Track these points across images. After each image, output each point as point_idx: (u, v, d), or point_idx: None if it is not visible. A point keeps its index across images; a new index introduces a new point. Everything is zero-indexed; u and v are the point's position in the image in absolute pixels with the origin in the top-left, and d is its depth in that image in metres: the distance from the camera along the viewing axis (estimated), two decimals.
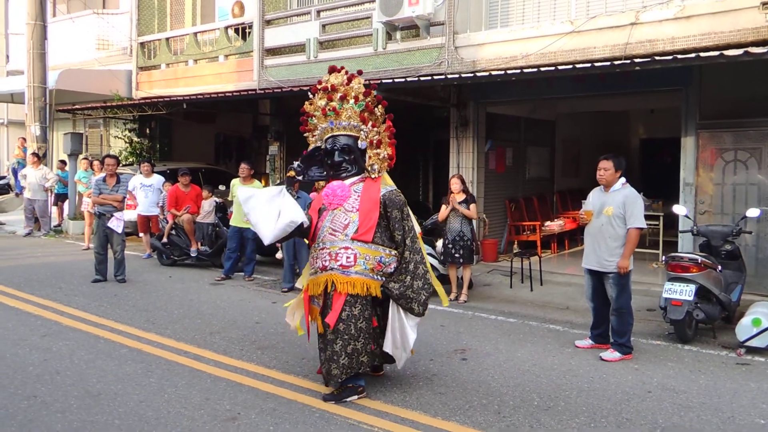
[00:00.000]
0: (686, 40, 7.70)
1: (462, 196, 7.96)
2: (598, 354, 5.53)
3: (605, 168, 5.65)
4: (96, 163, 12.32)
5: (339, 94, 4.61)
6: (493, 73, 8.35)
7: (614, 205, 5.54)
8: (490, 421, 4.09)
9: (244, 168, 9.14)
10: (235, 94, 11.50)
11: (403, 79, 9.25)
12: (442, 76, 9.11)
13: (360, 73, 4.80)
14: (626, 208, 5.50)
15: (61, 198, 13.66)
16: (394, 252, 4.51)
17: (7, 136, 23.91)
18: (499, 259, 10.27)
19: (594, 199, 5.81)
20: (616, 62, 7.41)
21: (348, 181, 4.60)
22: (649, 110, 13.85)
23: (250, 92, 11.38)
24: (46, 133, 14.19)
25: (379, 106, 4.79)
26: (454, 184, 8.01)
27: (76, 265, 9.73)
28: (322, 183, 4.89)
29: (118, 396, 4.47)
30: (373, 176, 4.65)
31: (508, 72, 8.19)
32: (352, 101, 4.62)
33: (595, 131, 13.91)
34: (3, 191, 17.22)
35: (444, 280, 8.10)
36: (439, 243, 8.19)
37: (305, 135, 4.92)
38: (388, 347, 4.48)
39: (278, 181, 12.67)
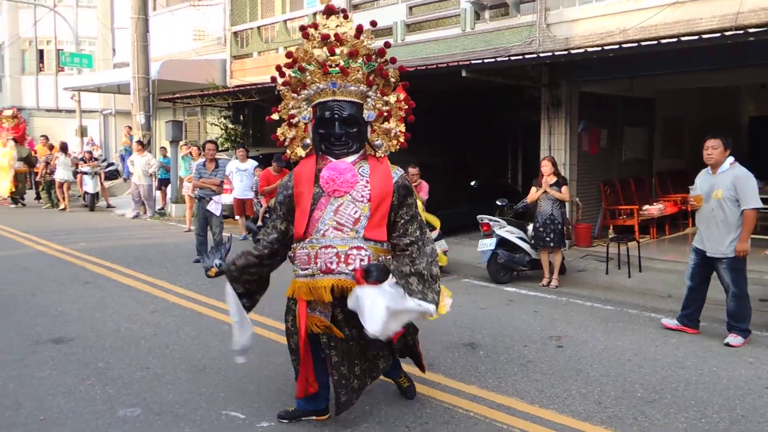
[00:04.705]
0: None
1: (553, 179, 7.73)
2: (704, 344, 5.24)
3: (713, 147, 5.33)
4: (194, 149, 12.94)
5: (346, 49, 3.68)
6: (589, 49, 8.01)
7: (723, 188, 5.23)
8: (590, 411, 3.97)
9: None
10: None
11: (492, 60, 9.05)
12: (534, 55, 8.83)
13: (373, 24, 3.90)
14: (737, 189, 5.17)
15: (163, 183, 14.46)
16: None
17: (115, 125, 25.62)
18: (593, 244, 9.91)
19: (701, 182, 5.51)
20: (727, 33, 6.89)
21: (348, 160, 3.71)
22: (760, 85, 12.82)
23: None
24: (150, 122, 15.04)
25: (394, 71, 3.84)
26: (545, 166, 7.78)
27: (179, 245, 10.28)
28: (300, 154, 3.85)
29: (221, 370, 4.69)
30: (377, 155, 3.79)
31: (606, 48, 7.83)
32: (361, 60, 3.70)
33: (699, 109, 13.04)
34: (112, 177, 18.49)
35: (536, 264, 7.96)
36: (530, 227, 8.02)
37: (280, 90, 3.94)
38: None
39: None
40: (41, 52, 30.30)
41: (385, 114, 3.76)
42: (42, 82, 29.82)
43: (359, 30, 3.73)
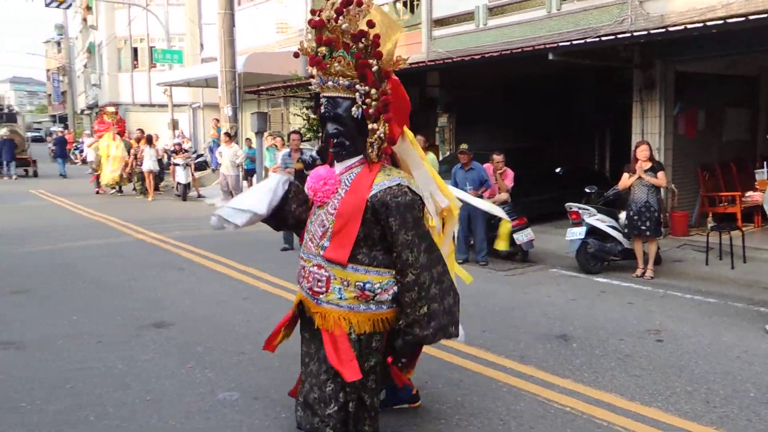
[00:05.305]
0: None
1: (648, 164, 7.36)
2: None
3: None
4: (278, 139, 13.25)
5: (325, 36, 3.08)
6: (689, 26, 7.52)
7: None
8: (698, 411, 3.75)
9: (420, 139, 9.26)
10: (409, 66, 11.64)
11: (582, 41, 8.68)
12: (628, 35, 8.39)
13: None
14: None
15: (249, 173, 14.91)
16: (391, 273, 3.12)
17: (203, 118, 26.69)
18: (690, 233, 9.39)
19: None
20: None
21: (340, 166, 3.24)
22: None
23: (419, 64, 11.43)
24: (237, 114, 15.51)
25: (382, 60, 3.07)
26: (642, 152, 7.41)
27: (266, 234, 10.43)
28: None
29: None
30: (369, 160, 3.18)
31: (708, 24, 7.32)
32: (343, 49, 3.07)
33: None
34: (201, 168, 19.29)
35: (628, 254, 7.62)
36: (623, 215, 7.68)
37: None
38: None
39: (448, 154, 12.68)
40: (135, 50, 32.05)
41: (374, 111, 3.08)
42: (136, 78, 31.56)
43: (338, 11, 3.03)
